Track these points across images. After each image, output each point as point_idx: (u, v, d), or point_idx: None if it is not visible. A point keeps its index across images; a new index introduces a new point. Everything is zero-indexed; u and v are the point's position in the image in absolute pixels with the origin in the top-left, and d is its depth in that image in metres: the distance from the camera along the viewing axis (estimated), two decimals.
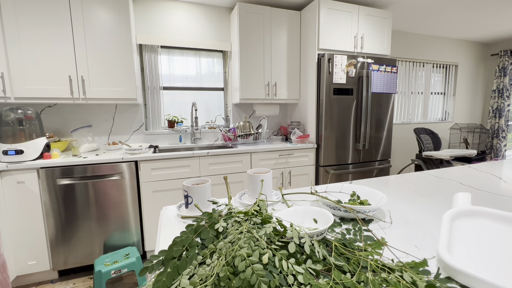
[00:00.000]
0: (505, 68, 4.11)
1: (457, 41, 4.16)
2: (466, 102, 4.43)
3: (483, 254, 0.53)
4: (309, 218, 0.68)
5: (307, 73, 2.67)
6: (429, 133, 3.66)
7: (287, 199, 0.94)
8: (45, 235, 1.83)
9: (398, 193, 1.01)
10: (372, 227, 0.71)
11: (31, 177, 1.76)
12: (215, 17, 2.74)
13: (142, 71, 2.56)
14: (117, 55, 2.12)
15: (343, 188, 0.92)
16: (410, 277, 0.44)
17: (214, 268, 0.43)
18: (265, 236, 0.51)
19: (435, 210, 0.84)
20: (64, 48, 1.98)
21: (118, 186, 1.96)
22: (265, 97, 2.67)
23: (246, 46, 2.54)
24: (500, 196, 0.96)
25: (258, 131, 2.73)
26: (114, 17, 2.08)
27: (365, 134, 2.60)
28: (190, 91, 2.81)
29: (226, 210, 0.70)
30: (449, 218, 0.63)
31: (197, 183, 0.83)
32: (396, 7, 2.90)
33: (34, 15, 1.89)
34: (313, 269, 0.45)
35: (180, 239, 0.55)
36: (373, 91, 2.58)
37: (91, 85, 2.07)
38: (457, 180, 1.19)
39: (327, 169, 2.55)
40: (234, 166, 2.31)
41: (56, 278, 1.96)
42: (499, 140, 4.21)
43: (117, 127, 2.49)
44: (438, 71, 4.14)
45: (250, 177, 0.88)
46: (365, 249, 0.55)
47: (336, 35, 2.53)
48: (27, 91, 1.92)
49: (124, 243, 2.03)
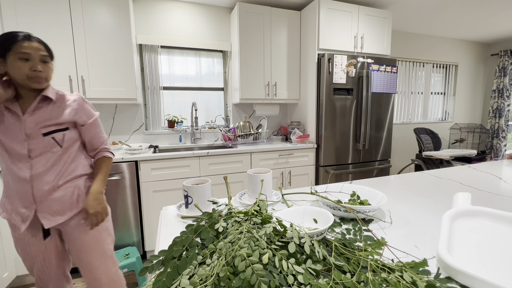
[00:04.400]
0: (505, 68, 4.11)
1: (457, 41, 4.16)
2: (466, 102, 4.43)
3: (483, 254, 0.53)
4: (309, 218, 0.68)
5: (307, 73, 2.67)
6: (429, 133, 3.66)
7: (287, 199, 0.94)
8: None
9: (398, 193, 1.01)
10: (372, 227, 0.71)
11: None
12: (215, 17, 2.74)
13: (142, 71, 2.56)
14: (117, 55, 2.12)
15: (343, 188, 0.92)
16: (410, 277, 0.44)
17: (214, 268, 0.43)
18: (265, 236, 0.51)
19: (435, 210, 0.84)
20: (64, 48, 1.98)
21: (118, 186, 1.96)
22: (265, 97, 2.67)
23: (246, 46, 2.54)
24: (500, 196, 0.96)
25: (258, 131, 2.73)
26: (114, 17, 2.08)
27: (365, 134, 2.60)
28: (190, 91, 2.81)
29: (226, 210, 0.70)
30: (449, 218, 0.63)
31: (197, 183, 0.83)
32: (396, 7, 2.89)
33: (34, 15, 1.89)
34: (313, 269, 0.45)
35: (180, 239, 0.55)
36: (373, 91, 2.58)
37: (91, 85, 2.07)
38: (457, 180, 1.19)
39: (327, 169, 2.55)
40: (234, 166, 2.31)
41: None
42: (499, 140, 4.21)
43: (117, 127, 2.49)
44: (438, 71, 4.14)
45: (250, 177, 0.88)
46: (365, 249, 0.55)
47: (336, 35, 2.53)
48: None
49: (124, 243, 2.03)
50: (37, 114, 1.00)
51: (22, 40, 0.93)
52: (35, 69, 0.95)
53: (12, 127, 0.98)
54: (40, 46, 0.97)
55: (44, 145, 1.00)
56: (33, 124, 0.99)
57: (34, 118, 0.99)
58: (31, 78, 0.95)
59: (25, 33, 0.96)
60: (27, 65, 0.94)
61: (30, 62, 0.94)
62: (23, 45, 0.93)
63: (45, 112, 1.01)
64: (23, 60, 0.93)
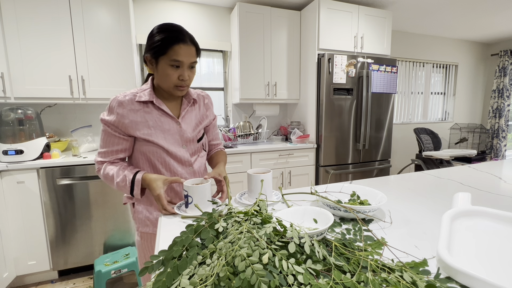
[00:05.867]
0: (505, 68, 4.11)
1: (457, 41, 4.15)
2: (466, 102, 4.43)
3: (483, 254, 0.53)
4: (309, 218, 0.68)
5: (307, 73, 2.66)
6: (429, 133, 3.66)
7: (287, 199, 0.94)
8: (45, 235, 1.83)
9: (398, 193, 1.01)
10: (372, 227, 0.71)
11: (31, 177, 1.76)
12: (215, 17, 2.74)
13: (142, 71, 2.56)
14: (117, 55, 2.12)
15: (343, 188, 0.92)
16: (410, 277, 0.44)
17: (214, 268, 0.43)
18: (265, 236, 0.51)
19: (435, 210, 0.84)
20: (64, 48, 1.98)
21: None
22: (265, 97, 2.67)
23: (246, 46, 2.54)
24: (500, 196, 0.96)
25: (258, 131, 2.73)
26: (114, 17, 2.08)
27: (365, 134, 2.60)
28: None
29: (226, 210, 0.70)
30: (449, 218, 0.63)
31: (197, 183, 0.83)
32: (396, 7, 2.89)
33: (34, 15, 1.89)
34: (313, 269, 0.45)
35: (180, 239, 0.55)
36: (373, 91, 2.58)
37: (91, 85, 2.07)
38: (457, 180, 1.19)
39: (327, 169, 2.55)
40: (234, 166, 2.31)
41: (56, 278, 1.96)
42: (499, 140, 4.21)
43: None
44: (438, 71, 4.14)
45: (250, 177, 0.88)
46: (365, 249, 0.55)
47: (336, 35, 2.53)
48: (27, 91, 1.92)
49: (124, 243, 2.03)
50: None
51: (179, 42, 0.83)
52: (183, 78, 0.87)
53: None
54: (193, 51, 0.87)
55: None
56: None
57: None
58: (177, 86, 0.89)
59: (181, 32, 0.86)
60: (176, 73, 0.86)
61: (180, 70, 0.87)
62: (179, 51, 0.83)
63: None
64: (174, 67, 0.86)
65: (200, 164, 1.03)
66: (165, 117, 0.93)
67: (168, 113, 0.93)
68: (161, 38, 0.83)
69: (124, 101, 0.88)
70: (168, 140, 0.93)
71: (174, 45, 0.83)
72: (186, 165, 0.98)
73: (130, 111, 0.88)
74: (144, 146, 0.92)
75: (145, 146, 0.92)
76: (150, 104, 0.92)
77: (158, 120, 0.92)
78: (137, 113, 0.89)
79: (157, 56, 0.85)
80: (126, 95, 0.90)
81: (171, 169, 0.95)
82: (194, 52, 0.88)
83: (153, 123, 0.91)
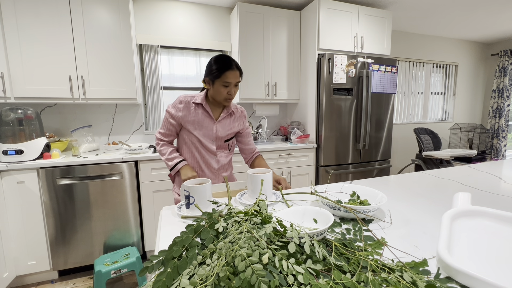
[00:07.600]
0: (505, 68, 4.11)
1: (457, 41, 4.15)
2: (466, 102, 4.43)
3: (483, 254, 0.53)
4: (309, 218, 0.68)
5: (307, 73, 2.66)
6: (429, 133, 3.66)
7: (287, 199, 0.94)
8: (45, 235, 1.83)
9: (398, 193, 1.01)
10: (372, 227, 0.71)
11: (31, 177, 1.76)
12: (215, 17, 2.74)
13: (142, 71, 2.56)
14: (117, 55, 2.12)
15: (343, 188, 0.92)
16: (410, 277, 0.44)
17: (214, 268, 0.43)
18: (265, 236, 0.51)
19: (435, 210, 0.84)
20: (64, 48, 1.98)
21: (118, 186, 1.96)
22: (265, 97, 2.67)
23: (246, 46, 2.54)
24: (500, 196, 0.96)
25: (258, 131, 2.73)
26: (114, 17, 2.08)
27: (365, 134, 2.60)
28: (190, 91, 2.81)
29: (226, 210, 0.70)
30: (449, 218, 0.63)
31: (197, 183, 0.83)
32: (396, 7, 2.89)
33: (34, 15, 1.89)
34: (313, 269, 0.45)
35: (180, 239, 0.55)
36: (373, 91, 2.58)
37: (91, 85, 2.07)
38: (457, 180, 1.19)
39: (327, 169, 2.55)
40: (234, 166, 2.30)
41: (56, 278, 1.96)
42: (499, 140, 4.21)
43: (117, 127, 2.49)
44: (438, 71, 4.14)
45: (250, 177, 0.88)
46: (365, 249, 0.55)
47: (336, 35, 2.53)
48: (27, 91, 1.92)
49: (124, 243, 2.03)
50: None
51: (228, 69, 1.15)
52: (230, 94, 1.20)
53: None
54: (237, 74, 1.19)
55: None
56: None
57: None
58: (226, 99, 1.22)
59: (230, 62, 1.17)
60: (226, 90, 1.19)
61: (228, 88, 1.19)
62: (229, 75, 1.16)
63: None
64: (224, 86, 1.18)
65: (221, 156, 1.33)
66: (207, 117, 1.26)
67: (210, 115, 1.26)
68: (216, 68, 1.16)
69: (184, 101, 1.24)
70: (203, 133, 1.26)
71: (226, 72, 1.15)
72: (212, 154, 1.30)
73: (185, 109, 1.23)
74: (186, 134, 1.27)
75: (187, 134, 1.27)
76: (201, 106, 1.25)
77: (202, 118, 1.25)
78: (190, 111, 1.24)
79: (213, 79, 1.18)
80: (187, 97, 1.25)
81: (201, 153, 1.29)
82: (238, 74, 1.20)
83: (198, 120, 1.24)
